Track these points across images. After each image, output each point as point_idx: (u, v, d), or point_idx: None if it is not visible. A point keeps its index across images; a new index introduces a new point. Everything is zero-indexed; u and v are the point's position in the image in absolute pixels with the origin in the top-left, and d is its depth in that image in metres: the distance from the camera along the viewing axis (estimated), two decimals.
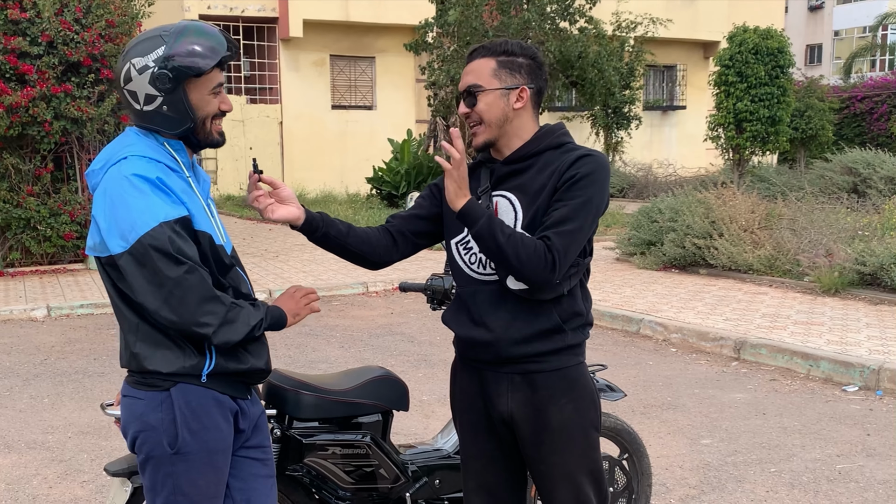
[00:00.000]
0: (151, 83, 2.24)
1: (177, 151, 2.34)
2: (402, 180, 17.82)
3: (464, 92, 2.46)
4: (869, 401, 5.90)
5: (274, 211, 2.47)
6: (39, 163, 11.00)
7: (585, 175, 2.37)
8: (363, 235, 2.59)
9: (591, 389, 2.54)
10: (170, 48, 2.23)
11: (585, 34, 16.77)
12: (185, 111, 2.28)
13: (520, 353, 2.45)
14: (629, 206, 17.09)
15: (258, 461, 2.50)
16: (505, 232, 2.33)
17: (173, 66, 2.23)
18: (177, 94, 2.25)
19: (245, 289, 2.41)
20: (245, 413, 2.43)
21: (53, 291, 9.76)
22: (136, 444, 2.33)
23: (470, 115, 2.47)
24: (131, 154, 2.26)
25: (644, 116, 24.51)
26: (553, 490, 2.51)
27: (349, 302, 9.59)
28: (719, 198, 10.79)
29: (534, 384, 2.47)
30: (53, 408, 5.86)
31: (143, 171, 2.22)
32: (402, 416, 5.23)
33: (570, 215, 2.35)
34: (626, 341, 7.71)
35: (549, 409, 2.47)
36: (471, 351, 2.55)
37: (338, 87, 22.47)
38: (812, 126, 21.01)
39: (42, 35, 10.43)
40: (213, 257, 2.31)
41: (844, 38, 44.49)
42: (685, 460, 4.84)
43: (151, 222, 2.17)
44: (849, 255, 8.91)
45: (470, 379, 2.59)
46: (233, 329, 2.24)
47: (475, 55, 2.48)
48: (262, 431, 2.53)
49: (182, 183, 2.30)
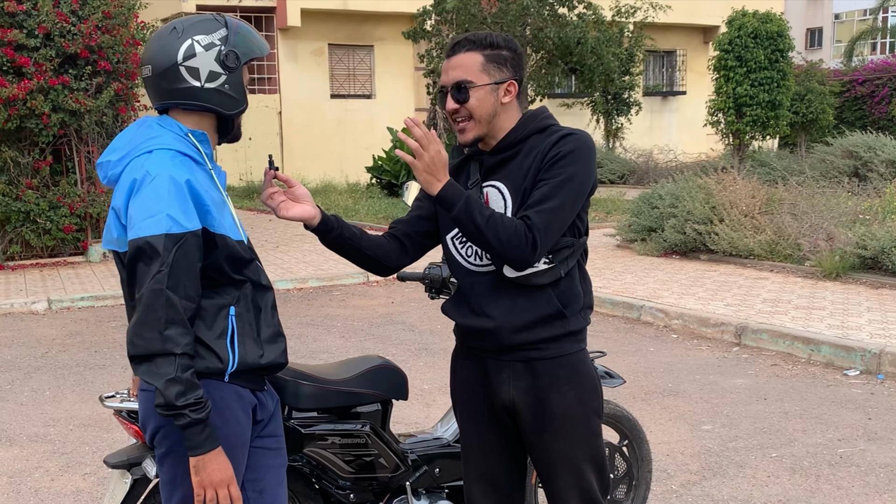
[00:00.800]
0: (217, 60, 2.27)
1: (201, 143, 2.32)
2: (401, 169, 17.80)
3: (452, 87, 2.41)
4: (870, 385, 5.90)
5: (289, 209, 2.45)
6: (38, 155, 10.99)
7: (567, 153, 2.35)
8: (376, 240, 2.57)
9: (593, 376, 2.54)
10: (233, 32, 2.31)
11: (584, 20, 16.70)
12: (243, 92, 2.33)
13: (521, 341, 2.44)
14: (630, 192, 17.06)
15: (271, 450, 2.50)
16: (484, 213, 2.32)
17: (241, 46, 2.31)
18: (238, 74, 2.30)
19: (265, 281, 2.40)
20: (263, 405, 2.43)
21: (54, 284, 9.76)
22: (157, 438, 2.30)
23: (458, 111, 2.42)
24: (157, 147, 2.23)
25: (644, 102, 24.47)
26: (555, 477, 2.51)
27: (350, 292, 9.59)
28: (720, 183, 10.77)
29: (535, 371, 2.46)
30: (55, 401, 5.87)
31: (174, 172, 2.18)
32: (403, 405, 5.24)
33: (551, 193, 2.33)
34: (626, 328, 7.71)
35: (551, 396, 2.46)
36: (472, 339, 2.54)
37: (336, 77, 22.42)
38: (812, 110, 20.95)
39: (39, 27, 10.40)
40: (230, 256, 2.27)
41: (845, 22, 44.32)
42: (686, 446, 4.84)
43: (156, 229, 2.14)
44: (850, 239, 8.90)
45: (471, 367, 2.58)
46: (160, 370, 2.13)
47: (459, 49, 2.43)
48: (276, 420, 2.52)
49: (205, 176, 2.28)
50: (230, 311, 2.29)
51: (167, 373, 2.10)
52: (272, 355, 2.37)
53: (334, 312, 8.47)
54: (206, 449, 2.16)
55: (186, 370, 2.13)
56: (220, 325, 2.27)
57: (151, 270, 2.13)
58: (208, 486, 2.19)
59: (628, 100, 22.96)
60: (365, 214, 15.23)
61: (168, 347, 2.11)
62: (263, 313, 2.37)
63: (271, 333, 2.39)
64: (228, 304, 2.29)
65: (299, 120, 21.71)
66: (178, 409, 2.10)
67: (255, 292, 2.35)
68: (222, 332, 2.27)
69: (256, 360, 2.32)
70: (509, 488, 2.63)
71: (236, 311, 2.30)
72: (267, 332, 2.37)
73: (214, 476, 2.18)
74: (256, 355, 2.32)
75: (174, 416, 2.12)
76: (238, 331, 2.30)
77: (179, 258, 2.15)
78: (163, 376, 2.10)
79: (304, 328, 7.78)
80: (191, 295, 2.18)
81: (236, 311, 2.30)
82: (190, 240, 2.16)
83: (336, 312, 8.47)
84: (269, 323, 2.39)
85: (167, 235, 2.13)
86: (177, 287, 2.14)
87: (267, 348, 2.36)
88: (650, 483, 3.72)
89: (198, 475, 2.17)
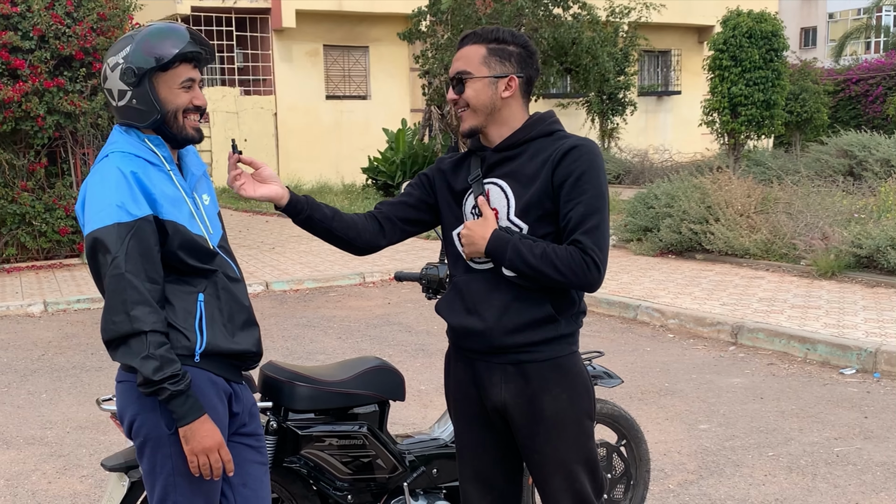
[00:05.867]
0: (121, 78, 2.37)
1: (157, 146, 2.42)
2: (397, 170, 17.79)
3: (453, 78, 2.47)
4: (866, 383, 5.91)
5: (256, 189, 2.49)
6: (33, 158, 10.97)
7: (586, 169, 2.38)
8: (349, 221, 2.60)
9: (585, 378, 2.54)
10: (135, 45, 2.36)
11: (579, 20, 16.70)
12: (151, 103, 2.37)
13: (512, 343, 2.44)
14: (625, 192, 17.06)
15: (253, 448, 2.57)
16: (535, 252, 2.35)
17: (136, 59, 2.35)
18: (143, 87, 2.36)
19: (233, 273, 2.48)
20: (239, 397, 2.50)
21: (50, 286, 9.74)
22: (134, 428, 2.37)
23: (458, 101, 2.48)
24: (112, 151, 2.38)
25: (639, 102, 24.47)
26: (547, 479, 2.51)
27: (346, 293, 9.59)
28: (715, 183, 10.78)
29: (527, 374, 2.46)
30: (51, 403, 5.86)
31: (121, 165, 2.33)
32: (401, 406, 5.24)
33: (588, 212, 2.36)
34: (623, 328, 7.72)
35: (543, 399, 2.46)
36: (464, 340, 2.54)
37: (332, 78, 22.40)
38: (807, 109, 20.97)
39: (34, 29, 10.38)
40: (186, 245, 2.36)
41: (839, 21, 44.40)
42: (683, 446, 4.85)
43: (107, 220, 2.26)
44: (845, 237, 8.92)
45: (464, 369, 2.58)
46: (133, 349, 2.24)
47: (466, 41, 2.48)
48: (255, 419, 2.59)
49: (162, 176, 2.38)
50: (199, 297, 2.38)
51: (140, 350, 2.22)
52: (245, 343, 2.45)
53: (331, 313, 8.47)
54: (192, 418, 2.27)
55: (160, 346, 2.23)
56: (188, 309, 2.35)
57: (108, 259, 2.25)
58: (199, 452, 2.30)
59: (623, 100, 22.96)
60: None
61: (136, 327, 2.22)
62: (234, 301, 2.45)
63: (243, 321, 2.46)
64: (197, 290, 2.38)
65: (295, 121, 21.69)
66: (158, 384, 2.22)
67: (226, 282, 2.44)
68: (190, 314, 2.35)
69: (228, 344, 2.40)
70: (504, 488, 2.63)
71: (205, 298, 2.39)
72: (239, 318, 2.45)
73: (205, 442, 2.29)
74: (227, 339, 2.40)
75: (155, 391, 2.23)
76: (207, 315, 2.38)
77: (134, 244, 2.26)
78: (137, 354, 2.22)
79: (301, 329, 7.78)
80: (153, 277, 2.28)
81: (205, 297, 2.39)
82: (142, 226, 2.28)
83: (332, 313, 8.47)
84: (240, 310, 2.46)
85: (118, 225, 2.25)
86: (137, 270, 2.25)
87: (239, 335, 2.44)
88: (648, 483, 3.72)
89: (188, 444, 2.29)
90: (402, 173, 17.59)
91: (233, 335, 2.42)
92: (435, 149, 18.75)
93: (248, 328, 2.48)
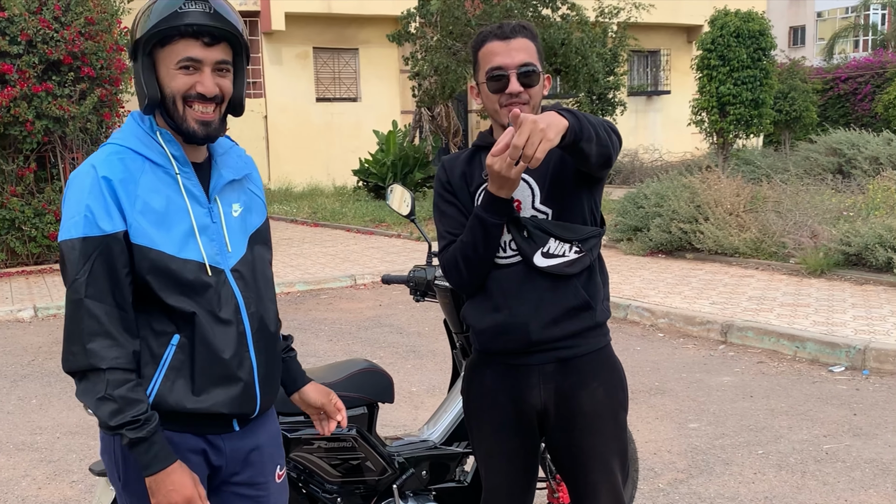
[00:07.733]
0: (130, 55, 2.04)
1: (167, 143, 2.01)
2: (388, 172, 17.79)
3: (520, 69, 2.32)
4: (855, 381, 5.94)
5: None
6: (22, 163, 10.95)
7: None
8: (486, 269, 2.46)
9: (620, 370, 2.53)
10: (142, 10, 2.01)
11: (568, 21, 16.74)
12: (142, 84, 1.98)
13: (550, 337, 2.37)
14: (615, 192, 17.10)
15: (247, 497, 2.16)
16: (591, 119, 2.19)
17: (135, 28, 1.99)
18: (138, 64, 1.98)
19: (226, 314, 2.02)
20: (219, 449, 2.09)
21: (40, 292, 9.72)
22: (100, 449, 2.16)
23: (519, 95, 2.33)
24: (108, 143, 2.03)
25: (629, 102, 24.47)
26: (586, 473, 2.46)
27: (337, 295, 9.59)
28: (704, 182, 10.82)
29: (565, 370, 2.42)
30: (42, 409, 5.84)
31: (99, 165, 1.96)
32: (392, 408, 5.24)
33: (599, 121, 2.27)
34: (613, 327, 7.73)
35: (581, 395, 2.42)
36: (495, 342, 2.43)
37: (322, 80, 22.40)
38: (796, 108, 21.04)
39: (21, 34, 10.36)
40: (161, 274, 1.96)
41: (827, 20, 44.58)
42: (673, 444, 4.86)
43: (74, 232, 1.93)
44: (834, 235, 8.95)
45: (493, 377, 2.49)
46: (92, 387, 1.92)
47: (518, 33, 2.35)
48: (253, 467, 2.16)
49: (161, 181, 1.98)
50: (173, 338, 1.99)
51: (98, 391, 1.90)
52: (211, 401, 2.01)
53: (321, 316, 8.47)
54: (157, 468, 1.92)
55: (120, 385, 1.90)
56: (156, 350, 1.99)
57: (69, 278, 1.93)
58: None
59: (613, 100, 22.94)
60: (352, 217, 15.23)
61: (92, 363, 1.90)
62: (214, 351, 2.00)
63: (220, 376, 2.02)
64: (172, 331, 2.00)
65: (285, 124, 21.68)
66: (115, 430, 1.91)
67: (211, 325, 2.00)
68: (154, 358, 1.99)
69: (180, 403, 1.99)
70: (525, 495, 2.61)
71: (179, 341, 1.99)
72: (214, 372, 2.01)
73: (171, 497, 1.93)
74: (184, 398, 1.99)
75: (115, 435, 1.97)
76: (172, 363, 1.99)
77: (100, 264, 1.92)
78: (94, 394, 1.91)
79: (292, 332, 7.77)
80: (118, 302, 1.93)
81: (180, 340, 1.99)
82: (110, 244, 1.92)
83: (323, 316, 8.47)
84: (218, 363, 2.01)
85: (84, 240, 1.91)
86: (101, 295, 1.92)
87: (209, 393, 2.01)
88: (637, 482, 3.73)
89: (154, 496, 1.95)
90: (392, 175, 17.60)
91: (200, 391, 1.99)
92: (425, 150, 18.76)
93: (226, 384, 2.02)
